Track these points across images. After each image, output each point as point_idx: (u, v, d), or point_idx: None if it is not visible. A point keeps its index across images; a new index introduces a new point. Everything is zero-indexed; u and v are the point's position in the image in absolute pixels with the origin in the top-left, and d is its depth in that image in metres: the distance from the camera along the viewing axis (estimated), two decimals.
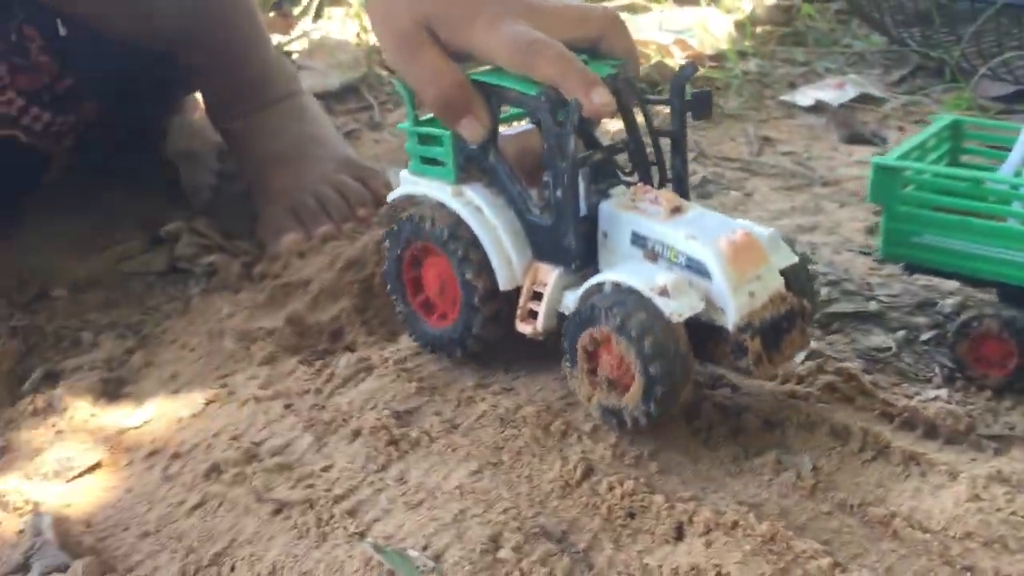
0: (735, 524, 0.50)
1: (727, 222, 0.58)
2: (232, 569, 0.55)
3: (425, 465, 0.59)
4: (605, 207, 0.59)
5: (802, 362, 0.70)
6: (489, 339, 0.64)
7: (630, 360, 0.55)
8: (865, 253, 0.86)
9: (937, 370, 0.68)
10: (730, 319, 0.54)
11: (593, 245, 0.60)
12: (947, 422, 0.60)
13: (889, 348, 0.72)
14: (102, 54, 0.93)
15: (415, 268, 0.67)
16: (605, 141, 0.65)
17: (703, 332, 0.56)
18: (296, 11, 1.53)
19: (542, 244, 0.61)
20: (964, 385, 0.66)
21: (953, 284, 0.76)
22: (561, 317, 0.60)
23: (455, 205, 0.62)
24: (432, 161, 0.64)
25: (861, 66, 1.38)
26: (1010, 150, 0.70)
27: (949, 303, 0.76)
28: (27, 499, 0.63)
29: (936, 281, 0.78)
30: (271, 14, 1.52)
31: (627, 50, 0.63)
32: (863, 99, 1.23)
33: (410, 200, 0.68)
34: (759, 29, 1.45)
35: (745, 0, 1.50)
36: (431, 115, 0.64)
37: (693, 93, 0.61)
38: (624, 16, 1.59)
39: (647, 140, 0.63)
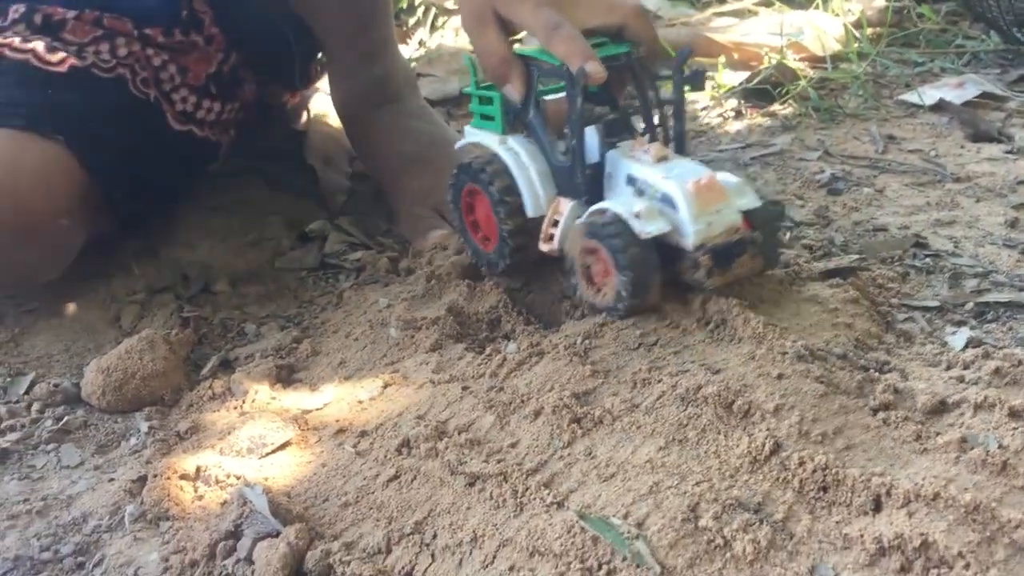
0: (936, 495, 0.52)
1: (700, 169, 0.72)
2: (435, 536, 0.58)
3: (611, 441, 0.61)
4: (611, 155, 0.75)
5: (964, 348, 0.72)
6: (518, 262, 0.81)
7: (611, 265, 0.70)
8: (1010, 246, 0.87)
9: None
10: (689, 241, 0.69)
11: (600, 184, 0.75)
12: None
13: None
14: (257, 24, 1.00)
15: (471, 202, 0.83)
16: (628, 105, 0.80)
17: (672, 252, 0.71)
18: (411, 22, 1.57)
19: (562, 182, 0.77)
20: None
21: None
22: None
23: (499, 150, 0.79)
24: (487, 117, 0.81)
25: (976, 66, 1.37)
26: None
27: None
28: (228, 473, 0.67)
29: None
30: None
31: (647, 36, 0.78)
32: (984, 97, 1.23)
33: (472, 148, 0.83)
34: (870, 31, 1.45)
35: (853, 2, 1.51)
36: (488, 82, 0.80)
37: (691, 70, 0.75)
38: (732, 21, 1.59)
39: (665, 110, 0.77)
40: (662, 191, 0.70)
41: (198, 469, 0.68)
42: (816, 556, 0.51)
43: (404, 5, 1.59)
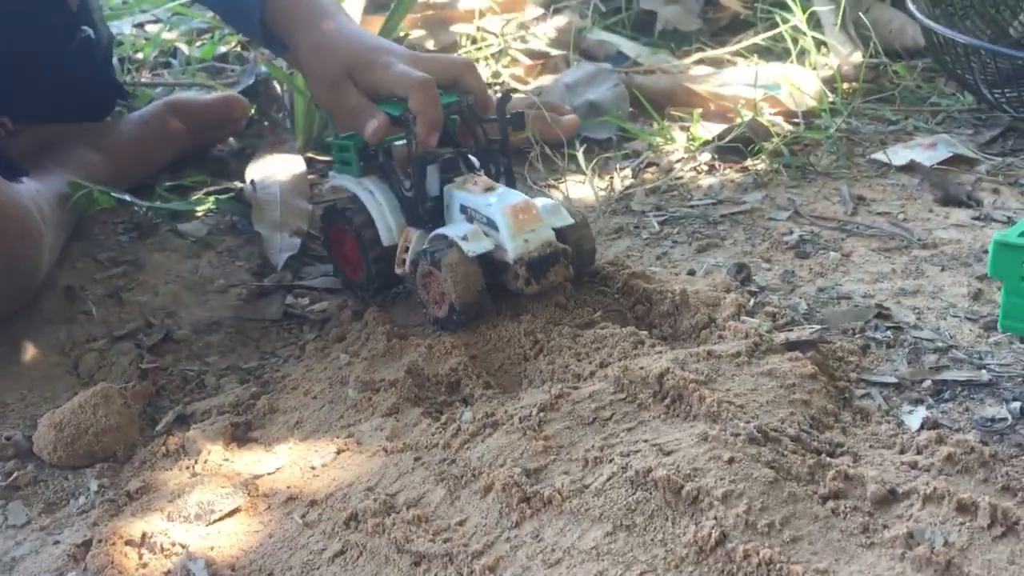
0: None
1: (518, 196, 0.85)
2: None
3: (559, 524, 0.61)
4: (447, 188, 0.89)
5: (919, 429, 0.72)
6: (383, 285, 0.94)
7: (442, 284, 0.82)
8: (972, 319, 0.87)
9: None
10: (509, 256, 0.83)
11: (441, 214, 0.89)
12: None
13: (1005, 419, 0.72)
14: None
15: (340, 239, 0.95)
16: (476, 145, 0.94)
17: (499, 266, 0.84)
18: None
19: (410, 214, 0.90)
20: None
21: None
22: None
23: (357, 190, 0.92)
24: (346, 163, 0.93)
25: (950, 125, 1.38)
26: None
27: None
28: (173, 541, 0.66)
29: None
30: None
31: (477, 87, 0.94)
32: (955, 160, 1.24)
33: (335, 190, 0.99)
34: (846, 86, 1.47)
35: (831, 57, 1.52)
36: (347, 133, 0.93)
37: (510, 114, 0.92)
38: (711, 70, 1.60)
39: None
40: (487, 216, 0.84)
41: (144, 535, 0.67)
42: None
43: None
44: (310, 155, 1.32)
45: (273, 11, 1.00)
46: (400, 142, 0.91)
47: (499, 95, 0.92)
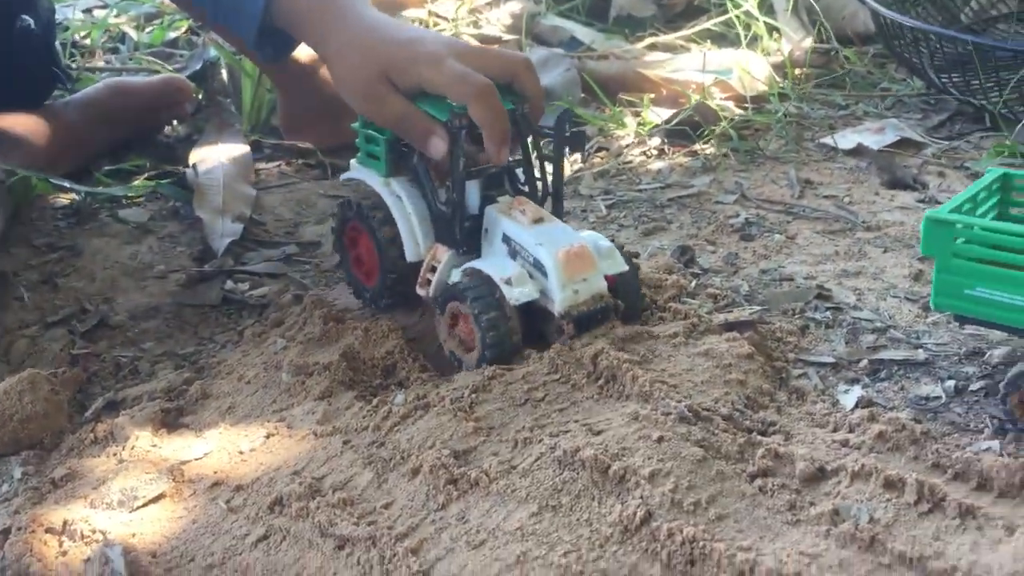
0: (797, 575, 0.51)
1: (572, 235, 0.75)
2: None
3: (485, 505, 0.60)
4: (489, 210, 0.77)
5: (852, 409, 0.71)
6: (397, 301, 0.84)
7: (475, 329, 0.73)
8: (911, 299, 0.87)
9: (988, 421, 0.69)
10: (556, 308, 0.73)
11: (478, 237, 0.78)
12: (1001, 475, 0.61)
13: (939, 397, 0.72)
14: None
15: (355, 236, 0.86)
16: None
17: (542, 314, 0.74)
18: None
19: (441, 230, 0.79)
20: (1016, 437, 0.67)
21: (1002, 334, 0.77)
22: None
23: (383, 192, 0.81)
24: (373, 156, 0.82)
25: (900, 110, 1.39)
26: None
27: (997, 353, 0.77)
28: (94, 528, 0.64)
29: (984, 331, 0.79)
30: None
31: (534, 92, 0.80)
32: (903, 143, 1.24)
33: (355, 182, 0.85)
34: (797, 71, 1.47)
35: (783, 42, 1.52)
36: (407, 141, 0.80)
37: (571, 131, 0.79)
38: (665, 56, 1.59)
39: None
40: (534, 256, 0.74)
41: (65, 523, 0.65)
42: None
43: None
44: (256, 139, 1.30)
45: (281, 8, 0.87)
46: None
47: (561, 111, 0.80)
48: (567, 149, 0.79)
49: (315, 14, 0.84)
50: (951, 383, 0.74)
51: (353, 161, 0.85)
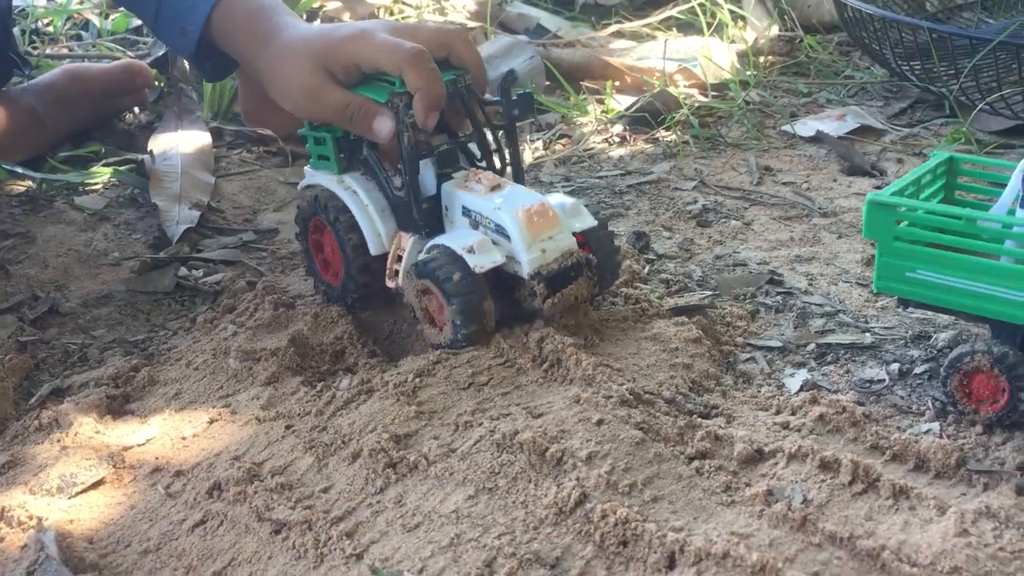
0: (726, 554, 0.51)
1: (532, 196, 0.73)
2: None
3: (423, 488, 0.60)
4: (445, 186, 0.75)
5: (796, 392, 0.72)
6: (364, 298, 0.82)
7: (442, 302, 0.71)
8: (862, 284, 0.87)
9: (930, 404, 0.69)
10: (524, 269, 0.70)
11: (439, 216, 0.76)
12: (938, 456, 0.61)
13: (883, 380, 0.73)
14: None
15: (317, 237, 0.84)
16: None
17: (511, 280, 0.72)
18: None
19: (402, 217, 0.77)
20: (956, 419, 0.67)
21: (948, 317, 0.77)
22: None
23: (337, 189, 0.79)
24: (323, 157, 0.81)
25: (862, 98, 1.39)
26: (1004, 187, 0.71)
27: (943, 337, 0.77)
28: (31, 514, 0.64)
29: (931, 314, 0.79)
30: None
31: (473, 61, 0.78)
32: (863, 131, 1.25)
33: (312, 187, 0.83)
34: (762, 59, 1.47)
35: (748, 30, 1.52)
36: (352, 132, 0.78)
37: (517, 95, 0.76)
38: (630, 44, 1.59)
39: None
40: (495, 221, 0.72)
41: (3, 510, 0.64)
42: None
43: None
44: (217, 126, 1.29)
45: (220, 28, 0.86)
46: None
47: (503, 74, 0.78)
48: (517, 113, 0.76)
49: (247, 35, 0.85)
50: (896, 366, 0.74)
51: (307, 167, 0.84)
